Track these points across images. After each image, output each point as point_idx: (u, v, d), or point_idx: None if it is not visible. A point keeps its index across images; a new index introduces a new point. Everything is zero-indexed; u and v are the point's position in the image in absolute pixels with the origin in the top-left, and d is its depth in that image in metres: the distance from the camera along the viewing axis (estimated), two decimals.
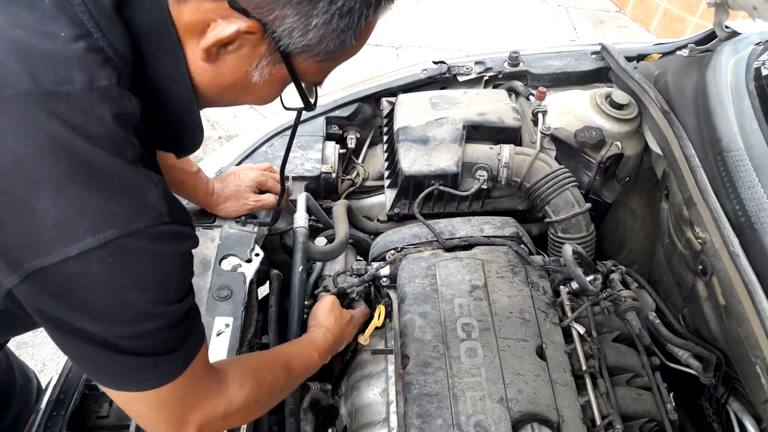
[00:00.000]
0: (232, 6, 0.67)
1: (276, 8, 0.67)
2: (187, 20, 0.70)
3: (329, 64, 0.78)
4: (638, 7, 4.18)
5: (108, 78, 0.67)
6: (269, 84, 0.78)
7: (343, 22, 0.70)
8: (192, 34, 0.71)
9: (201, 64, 0.73)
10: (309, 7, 0.67)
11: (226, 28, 0.69)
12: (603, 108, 1.62)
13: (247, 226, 1.43)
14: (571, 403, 1.17)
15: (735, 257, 1.16)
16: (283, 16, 0.68)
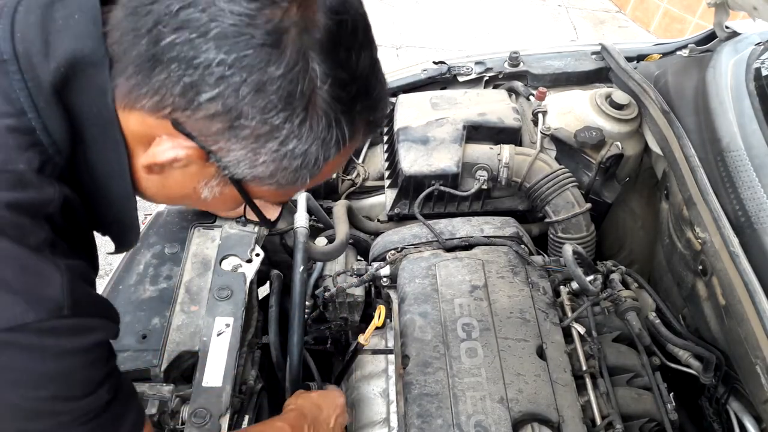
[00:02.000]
0: (176, 128, 0.62)
1: (221, 140, 0.62)
2: (133, 129, 0.65)
3: (288, 191, 0.72)
4: (638, 8, 4.18)
5: (27, 162, 0.62)
6: (222, 200, 0.73)
7: (296, 162, 0.64)
8: (138, 142, 0.66)
9: (146, 174, 0.68)
10: (256, 145, 0.62)
11: (166, 150, 0.64)
12: (603, 108, 1.62)
13: (248, 226, 1.43)
14: (572, 403, 1.17)
15: (735, 257, 1.16)
16: (228, 148, 0.62)
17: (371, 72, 0.65)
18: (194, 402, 1.10)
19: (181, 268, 1.32)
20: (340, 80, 0.61)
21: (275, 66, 0.57)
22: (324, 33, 0.59)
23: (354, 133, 0.66)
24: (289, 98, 0.58)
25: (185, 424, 1.09)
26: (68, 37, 0.62)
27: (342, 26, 0.60)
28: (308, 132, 0.61)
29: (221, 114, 0.59)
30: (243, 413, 1.19)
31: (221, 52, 0.56)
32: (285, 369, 1.26)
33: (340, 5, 0.60)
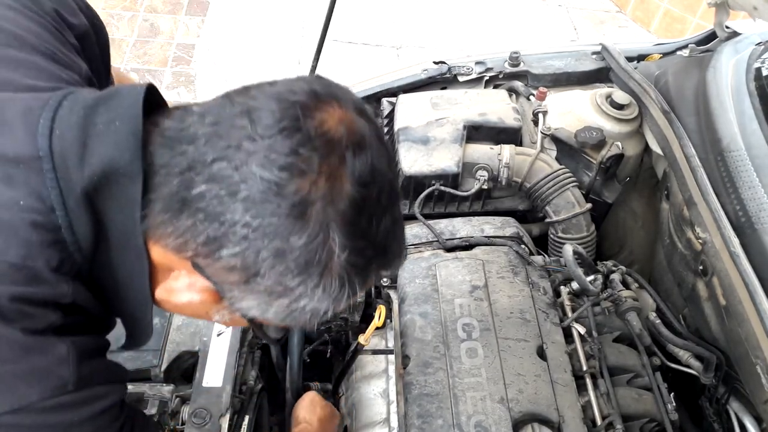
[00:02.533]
0: (196, 269, 0.64)
1: (236, 289, 0.64)
2: (154, 256, 0.66)
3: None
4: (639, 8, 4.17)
5: (46, 259, 0.63)
6: (232, 322, 0.75)
7: (306, 315, 0.66)
8: (158, 264, 0.67)
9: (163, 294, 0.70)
10: (269, 299, 0.64)
11: (183, 291, 0.67)
12: (603, 108, 1.62)
13: None
14: (572, 403, 1.17)
15: (735, 257, 1.16)
16: (242, 297, 0.65)
17: (390, 234, 0.66)
18: (194, 402, 1.10)
19: None
20: (359, 248, 0.62)
21: (297, 236, 0.59)
22: (348, 204, 0.60)
23: (365, 285, 0.68)
24: (306, 265, 0.60)
25: (185, 424, 1.09)
26: (106, 145, 0.62)
27: (367, 196, 0.62)
28: (321, 293, 0.63)
29: (239, 269, 0.61)
30: (243, 413, 1.19)
31: (247, 214, 0.58)
32: (285, 369, 1.26)
33: (368, 175, 0.61)
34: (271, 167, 0.57)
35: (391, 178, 0.66)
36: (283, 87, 0.62)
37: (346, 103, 0.63)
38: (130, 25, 3.89)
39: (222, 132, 0.59)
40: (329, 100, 0.62)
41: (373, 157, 0.62)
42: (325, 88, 0.63)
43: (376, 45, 3.80)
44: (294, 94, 0.61)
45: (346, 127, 0.61)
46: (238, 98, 0.62)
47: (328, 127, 0.59)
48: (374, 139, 0.63)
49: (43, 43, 0.74)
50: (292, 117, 0.59)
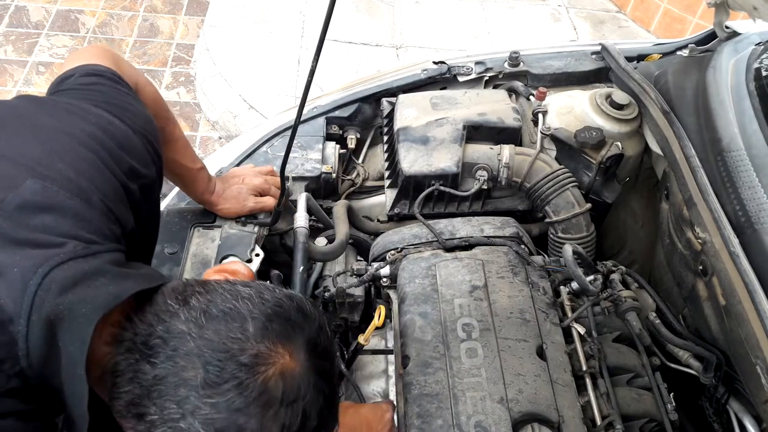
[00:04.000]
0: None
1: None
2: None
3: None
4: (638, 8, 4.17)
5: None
6: None
7: None
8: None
9: None
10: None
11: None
12: (603, 108, 1.62)
13: (248, 227, 1.43)
14: (572, 403, 1.17)
15: (735, 257, 1.16)
16: None
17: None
18: None
19: (180, 268, 1.32)
20: None
21: None
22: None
23: None
24: None
25: None
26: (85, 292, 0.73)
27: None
28: None
29: None
30: None
31: None
32: None
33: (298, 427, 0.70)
34: (210, 427, 0.66)
35: (323, 410, 0.74)
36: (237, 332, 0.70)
37: (296, 344, 0.72)
38: (130, 25, 3.89)
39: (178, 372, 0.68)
40: (278, 348, 0.71)
41: (306, 404, 0.71)
42: (280, 328, 0.72)
43: (376, 45, 3.80)
44: (244, 352, 0.69)
45: (285, 381, 0.70)
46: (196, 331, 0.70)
47: (268, 386, 0.68)
48: (311, 383, 0.72)
49: (103, 199, 0.86)
50: (238, 380, 0.67)
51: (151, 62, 3.70)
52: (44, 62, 3.60)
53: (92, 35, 3.79)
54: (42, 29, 3.78)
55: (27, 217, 0.78)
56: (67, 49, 3.68)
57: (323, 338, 0.77)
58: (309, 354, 0.73)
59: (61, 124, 0.89)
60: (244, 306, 0.73)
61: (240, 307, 0.73)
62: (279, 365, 0.70)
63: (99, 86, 0.99)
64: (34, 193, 0.79)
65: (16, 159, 0.83)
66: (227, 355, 0.68)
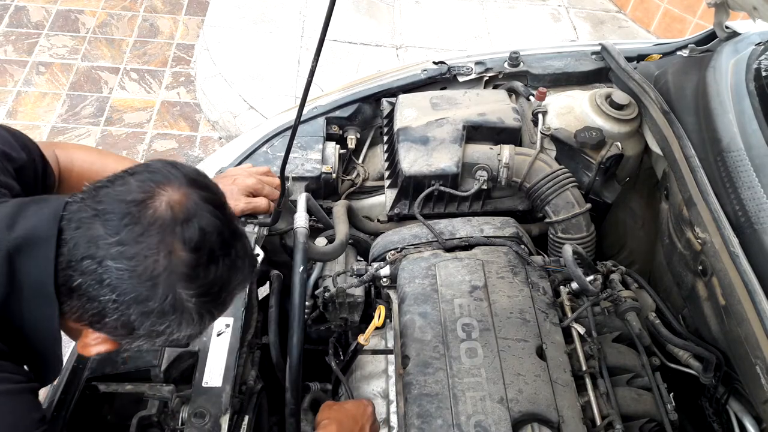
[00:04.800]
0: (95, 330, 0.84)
1: (126, 339, 0.85)
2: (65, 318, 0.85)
3: None
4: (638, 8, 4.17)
5: None
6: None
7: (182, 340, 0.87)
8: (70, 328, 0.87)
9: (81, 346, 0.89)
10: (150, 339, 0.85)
11: (93, 346, 0.87)
12: (603, 108, 1.62)
13: (247, 227, 1.43)
14: (572, 403, 1.17)
15: (735, 257, 1.16)
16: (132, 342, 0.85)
17: (231, 270, 0.85)
18: (194, 402, 1.10)
19: None
20: (203, 291, 0.82)
21: (153, 301, 0.79)
22: (186, 266, 0.79)
23: (225, 308, 0.89)
24: (165, 315, 0.81)
25: (185, 425, 1.09)
26: (31, 220, 0.83)
27: (201, 255, 0.81)
28: (186, 326, 0.83)
29: (122, 328, 0.82)
30: (243, 413, 1.19)
31: (113, 294, 0.78)
32: (285, 369, 1.26)
33: (199, 240, 0.80)
34: (122, 259, 0.77)
35: (221, 228, 0.84)
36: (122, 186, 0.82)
37: (174, 182, 0.83)
38: (130, 25, 3.89)
39: (85, 235, 0.79)
40: (159, 187, 0.82)
41: (200, 222, 0.81)
42: (157, 175, 0.83)
43: (376, 45, 3.80)
44: (130, 193, 0.81)
45: (172, 208, 0.80)
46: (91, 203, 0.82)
47: (159, 214, 0.79)
48: (200, 206, 0.83)
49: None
50: (131, 215, 0.79)
51: (151, 62, 3.70)
52: (44, 62, 3.60)
53: (92, 35, 3.80)
54: (42, 29, 3.78)
55: None
56: (67, 49, 3.68)
57: (201, 176, 0.89)
58: (191, 187, 0.84)
59: None
60: (123, 172, 0.85)
61: (121, 173, 0.85)
62: (165, 197, 0.81)
63: None
64: None
65: None
66: (118, 204, 0.79)
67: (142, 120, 3.39)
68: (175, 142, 3.32)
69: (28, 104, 3.39)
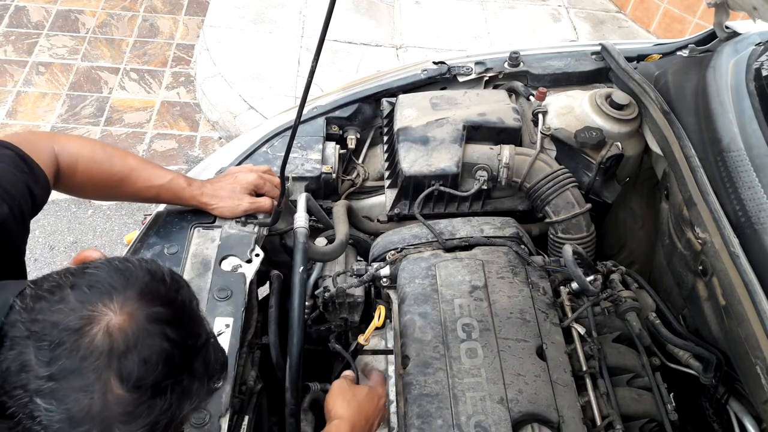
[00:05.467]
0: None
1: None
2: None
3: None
4: (638, 8, 4.17)
5: None
6: None
7: None
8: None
9: None
10: None
11: None
12: (603, 108, 1.62)
13: (247, 227, 1.43)
14: (572, 403, 1.17)
15: (735, 257, 1.16)
16: None
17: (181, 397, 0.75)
18: None
19: (180, 268, 1.32)
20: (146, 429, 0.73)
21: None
22: (124, 406, 0.71)
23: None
24: None
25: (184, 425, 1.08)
26: None
27: (142, 391, 0.71)
28: None
29: None
30: (243, 413, 1.19)
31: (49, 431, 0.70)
32: (285, 369, 1.26)
33: (139, 376, 0.71)
34: (52, 399, 0.69)
35: (170, 353, 0.74)
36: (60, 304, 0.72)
37: (119, 298, 0.73)
38: (130, 25, 3.89)
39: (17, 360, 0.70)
40: (100, 308, 0.72)
41: (141, 353, 0.71)
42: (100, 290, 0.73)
43: (376, 45, 3.80)
44: (67, 316, 0.70)
45: (111, 335, 0.71)
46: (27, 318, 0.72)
47: (95, 345, 0.70)
48: (144, 330, 0.72)
49: None
50: (64, 345, 0.69)
51: (151, 62, 3.70)
52: (44, 62, 3.60)
53: (92, 35, 3.80)
54: (42, 29, 3.78)
55: None
56: (67, 50, 3.68)
57: (156, 286, 0.77)
58: (140, 303, 0.74)
59: None
60: (65, 280, 0.75)
61: (62, 282, 0.74)
62: (104, 322, 0.71)
63: None
64: None
65: None
66: (51, 329, 0.70)
67: (142, 120, 3.40)
68: (175, 142, 3.32)
69: (28, 104, 3.39)
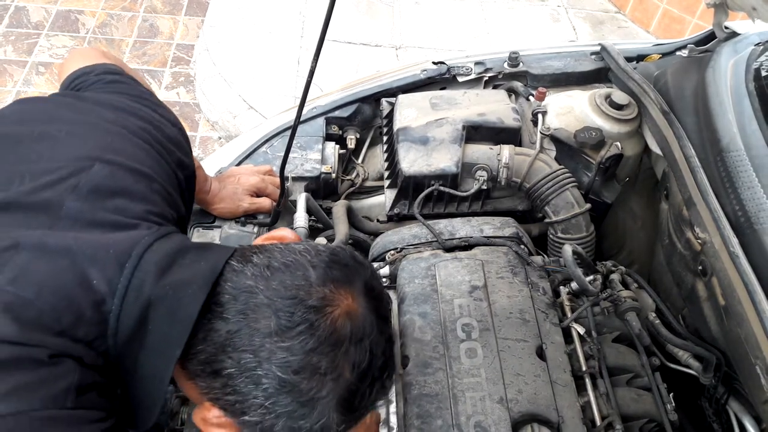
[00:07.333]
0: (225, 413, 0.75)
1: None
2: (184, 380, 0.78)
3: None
4: (638, 8, 4.17)
5: (85, 335, 0.72)
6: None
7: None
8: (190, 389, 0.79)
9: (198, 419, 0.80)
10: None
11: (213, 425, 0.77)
12: (603, 108, 1.62)
13: (247, 227, 1.43)
14: (571, 403, 1.17)
15: (735, 258, 1.16)
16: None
17: (379, 393, 0.79)
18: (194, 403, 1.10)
19: None
20: (352, 419, 0.76)
21: (305, 420, 0.72)
22: (348, 391, 0.73)
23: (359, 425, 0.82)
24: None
25: (185, 425, 1.09)
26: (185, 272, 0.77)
27: (363, 380, 0.74)
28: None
29: (257, 427, 0.73)
30: None
31: (267, 401, 0.71)
32: None
33: (365, 362, 0.74)
34: (287, 369, 0.70)
35: (385, 348, 0.78)
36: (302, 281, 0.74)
37: (356, 287, 0.77)
38: (129, 25, 3.89)
39: (251, 324, 0.71)
40: (341, 291, 0.75)
41: (371, 343, 0.75)
42: (340, 273, 0.76)
43: (375, 45, 3.80)
44: (310, 295, 0.73)
45: (351, 321, 0.74)
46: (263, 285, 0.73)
47: (336, 326, 0.72)
48: (374, 323, 0.76)
49: (163, 185, 0.93)
50: (308, 322, 0.71)
51: (151, 62, 3.70)
52: (44, 62, 3.60)
53: (92, 35, 3.80)
54: (42, 29, 3.78)
55: (102, 199, 0.82)
56: (67, 50, 3.68)
57: (377, 283, 0.82)
58: (367, 296, 0.77)
59: (113, 117, 0.94)
60: (303, 257, 0.77)
61: (299, 258, 0.77)
62: (344, 306, 0.74)
63: (125, 84, 1.03)
64: (104, 177, 0.84)
65: (79, 147, 0.87)
66: (295, 301, 0.72)
67: None
68: None
69: None
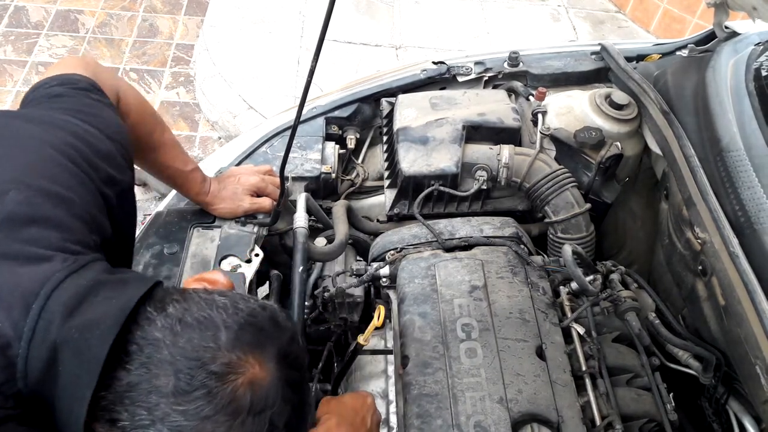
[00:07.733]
0: None
1: None
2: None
3: None
4: (638, 8, 4.17)
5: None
6: None
7: None
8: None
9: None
10: None
11: None
12: (603, 108, 1.62)
13: (247, 227, 1.43)
14: (571, 403, 1.17)
15: (735, 258, 1.16)
16: None
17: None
18: None
19: (180, 268, 1.32)
20: None
21: None
22: None
23: None
24: None
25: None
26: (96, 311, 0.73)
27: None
28: None
29: None
30: None
31: None
32: None
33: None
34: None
35: (290, 418, 0.75)
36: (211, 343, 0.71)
37: (267, 354, 0.73)
38: (129, 25, 3.89)
39: (151, 379, 0.69)
40: (249, 357, 0.72)
41: (273, 414, 0.72)
42: (252, 338, 0.73)
43: (375, 45, 3.80)
44: (215, 359, 0.70)
45: (253, 391, 0.71)
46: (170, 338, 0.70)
47: (236, 395, 0.69)
48: (279, 392, 0.73)
49: (85, 207, 0.87)
50: (206, 388, 0.68)
51: (151, 62, 3.70)
52: (44, 62, 3.60)
53: (92, 35, 3.79)
54: (41, 29, 3.78)
55: (16, 229, 0.78)
56: (67, 50, 3.68)
57: (295, 348, 0.78)
58: (279, 364, 0.74)
59: (39, 135, 0.89)
60: (218, 315, 0.74)
61: (214, 316, 0.74)
62: (248, 375, 0.71)
63: (69, 96, 0.99)
64: (19, 203, 0.80)
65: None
66: (198, 363, 0.69)
67: None
68: None
69: None
